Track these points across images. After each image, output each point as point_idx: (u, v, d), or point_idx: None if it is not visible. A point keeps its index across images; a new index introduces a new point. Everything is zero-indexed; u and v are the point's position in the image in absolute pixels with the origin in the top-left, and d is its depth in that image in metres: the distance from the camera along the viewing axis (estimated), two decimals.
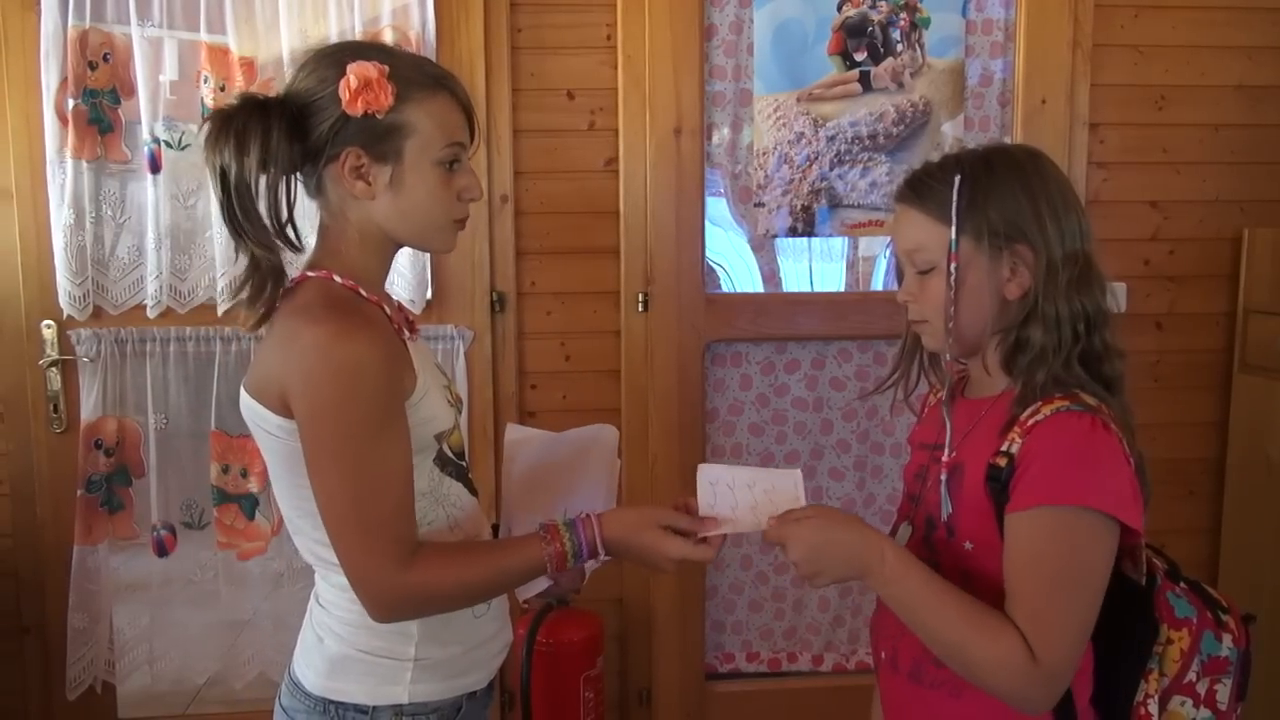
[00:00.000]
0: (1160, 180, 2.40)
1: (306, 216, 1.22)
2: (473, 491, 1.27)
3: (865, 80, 2.33)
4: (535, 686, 2.17)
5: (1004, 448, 1.09)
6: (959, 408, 1.23)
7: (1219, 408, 2.46)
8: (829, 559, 1.11)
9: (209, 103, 2.18)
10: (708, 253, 2.35)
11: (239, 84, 2.18)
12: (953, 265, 1.12)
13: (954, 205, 1.12)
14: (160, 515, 2.28)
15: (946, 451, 1.18)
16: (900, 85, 2.34)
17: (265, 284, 1.12)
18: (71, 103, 2.14)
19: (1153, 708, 1.11)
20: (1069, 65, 2.33)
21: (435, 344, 2.29)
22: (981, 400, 1.19)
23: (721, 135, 2.35)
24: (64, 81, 2.15)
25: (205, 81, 2.18)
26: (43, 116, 2.16)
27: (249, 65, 2.19)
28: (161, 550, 2.29)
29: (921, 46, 2.34)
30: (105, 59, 2.18)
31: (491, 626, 1.27)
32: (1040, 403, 1.09)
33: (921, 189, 1.17)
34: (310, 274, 1.17)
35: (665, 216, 2.30)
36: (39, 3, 2.14)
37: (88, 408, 2.23)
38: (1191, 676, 1.13)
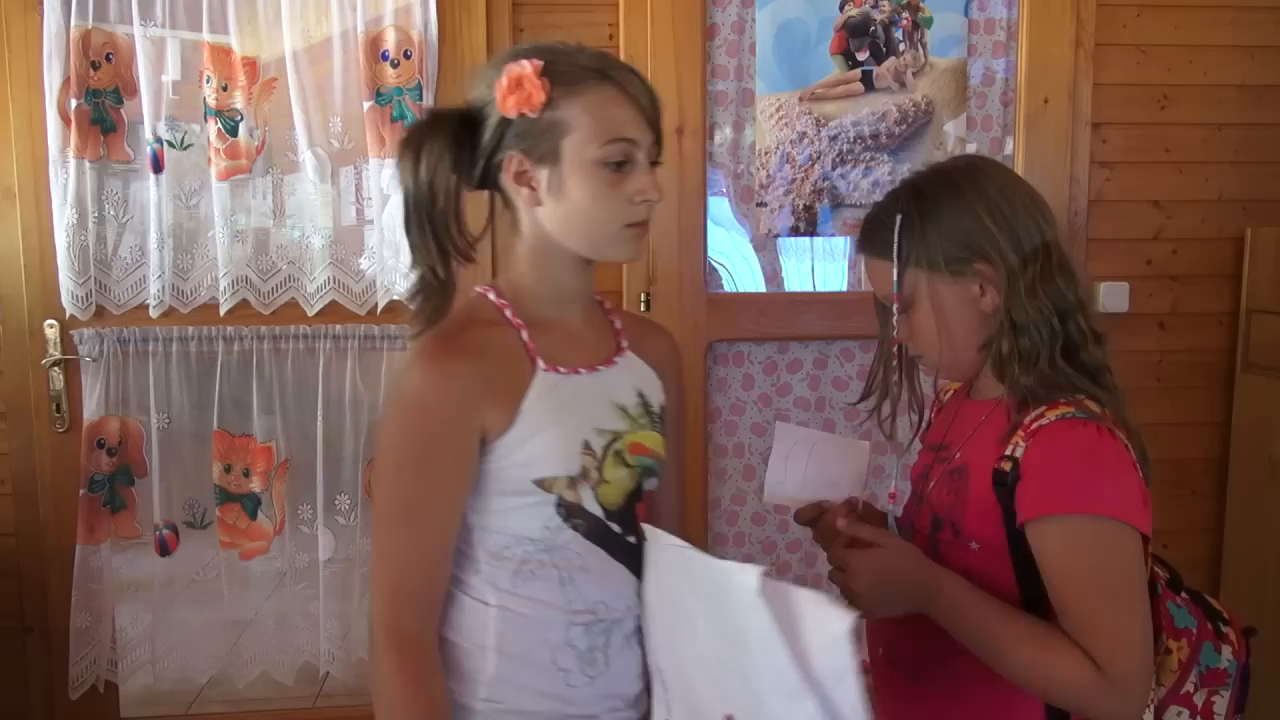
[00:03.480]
0: (1163, 179, 2.40)
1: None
2: (627, 560, 1.13)
3: (867, 80, 2.33)
4: None
5: (1008, 452, 1.08)
6: (964, 409, 1.22)
7: (1221, 407, 2.46)
8: (892, 592, 1.09)
9: (211, 103, 2.18)
10: (710, 252, 2.35)
11: (241, 84, 2.19)
12: (894, 305, 1.15)
13: (895, 243, 1.13)
14: (163, 515, 2.28)
15: (959, 449, 1.18)
16: (903, 85, 2.34)
17: (431, 297, 1.13)
18: (74, 102, 2.14)
19: (1147, 718, 1.09)
20: (1071, 64, 2.33)
21: None
22: (984, 403, 1.19)
23: (724, 135, 2.35)
24: (67, 81, 2.15)
25: (208, 81, 2.18)
26: (45, 116, 2.16)
27: (251, 65, 2.20)
28: (164, 550, 2.29)
29: (924, 46, 2.34)
30: (108, 59, 2.19)
31: (587, 694, 1.14)
32: (1045, 407, 1.08)
33: (873, 237, 1.18)
34: (476, 289, 1.17)
35: (667, 216, 2.29)
36: (42, 3, 2.14)
37: (90, 407, 2.23)
38: (1189, 687, 1.12)
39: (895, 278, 1.14)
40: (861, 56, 2.33)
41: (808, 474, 1.24)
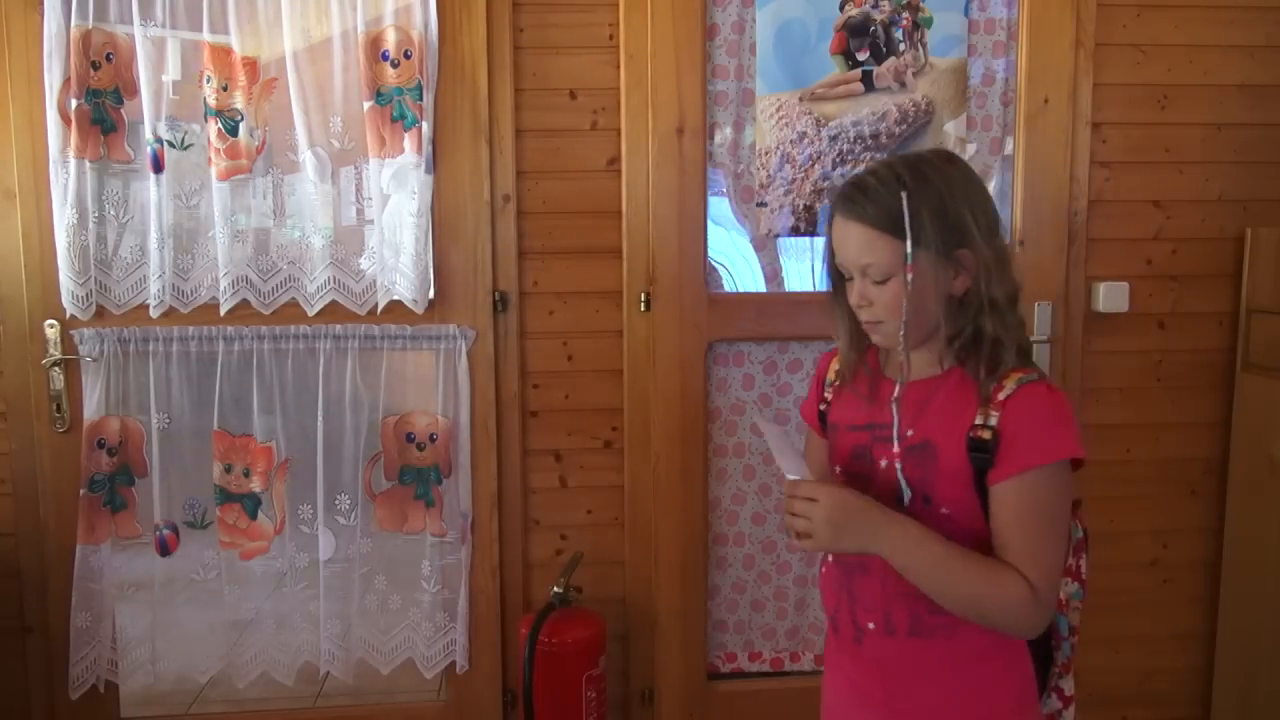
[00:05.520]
0: (1163, 179, 2.40)
1: None
2: None
3: (868, 80, 2.33)
4: (538, 686, 2.17)
5: (982, 421, 1.21)
6: (909, 390, 1.30)
7: (1222, 407, 2.46)
8: (855, 523, 1.22)
9: (211, 103, 2.18)
10: (710, 252, 2.35)
11: (241, 84, 2.19)
12: (909, 276, 1.23)
13: (907, 221, 1.21)
14: (163, 514, 2.28)
15: (896, 436, 1.27)
16: (903, 85, 2.34)
17: None
18: (74, 102, 2.15)
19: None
20: (1071, 64, 2.33)
21: (437, 343, 2.29)
22: (928, 381, 1.29)
23: (724, 135, 2.35)
24: (67, 81, 2.15)
25: (208, 81, 2.18)
26: (46, 116, 2.17)
27: (251, 65, 2.20)
28: (164, 549, 2.30)
29: (924, 46, 2.34)
30: (108, 59, 2.19)
31: None
32: (1001, 377, 1.22)
33: (864, 203, 1.25)
34: None
35: (667, 216, 2.30)
36: (42, 3, 2.14)
37: (90, 407, 2.23)
38: (1070, 561, 1.33)
39: (908, 248, 1.22)
40: (861, 56, 2.33)
41: (795, 458, 1.33)
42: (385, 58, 2.21)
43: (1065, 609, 1.34)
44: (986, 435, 1.20)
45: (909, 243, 1.21)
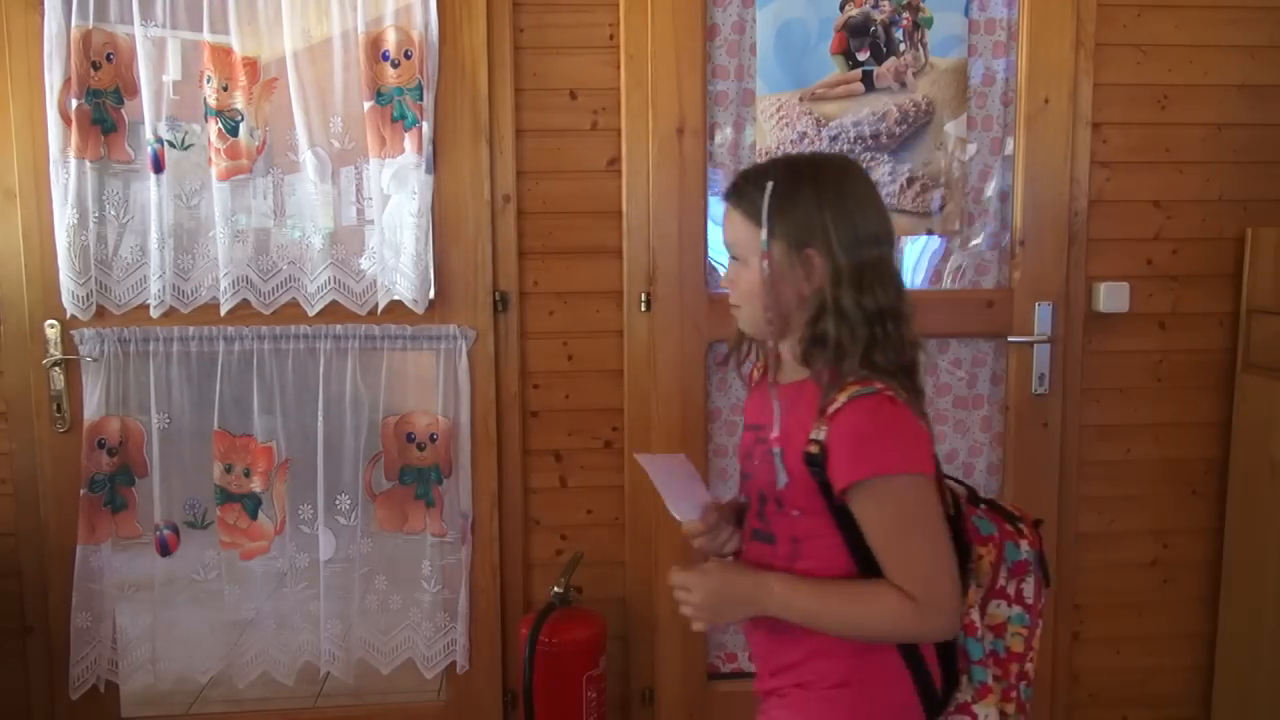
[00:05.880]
0: (1163, 179, 2.40)
1: None
2: None
3: (868, 80, 2.33)
4: (538, 686, 2.17)
5: (814, 435, 1.24)
6: (782, 392, 1.35)
7: (1222, 407, 2.46)
8: (728, 601, 1.31)
9: (212, 103, 2.19)
10: (710, 252, 2.35)
11: (242, 84, 2.19)
12: (764, 263, 1.28)
13: (764, 211, 1.28)
14: (163, 515, 2.28)
15: (775, 429, 1.31)
16: (903, 85, 2.34)
17: None
18: (75, 103, 2.15)
19: (975, 616, 1.32)
20: (1072, 64, 2.33)
21: (438, 343, 2.29)
22: (791, 385, 1.34)
23: (724, 135, 2.35)
24: (67, 81, 2.15)
25: (208, 81, 2.18)
26: (46, 116, 2.17)
27: (252, 65, 2.20)
28: (164, 550, 2.30)
29: (924, 46, 2.34)
30: (108, 59, 2.19)
31: None
32: (838, 390, 1.24)
33: (739, 191, 1.33)
34: None
35: (668, 216, 2.30)
36: (42, 3, 2.14)
37: (91, 407, 2.23)
38: (1002, 582, 1.34)
39: (764, 236, 1.29)
40: (862, 56, 2.33)
41: (686, 491, 1.40)
42: (385, 58, 2.21)
43: (974, 632, 1.32)
44: (814, 449, 1.24)
45: (764, 232, 1.28)
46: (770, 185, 1.28)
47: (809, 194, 1.28)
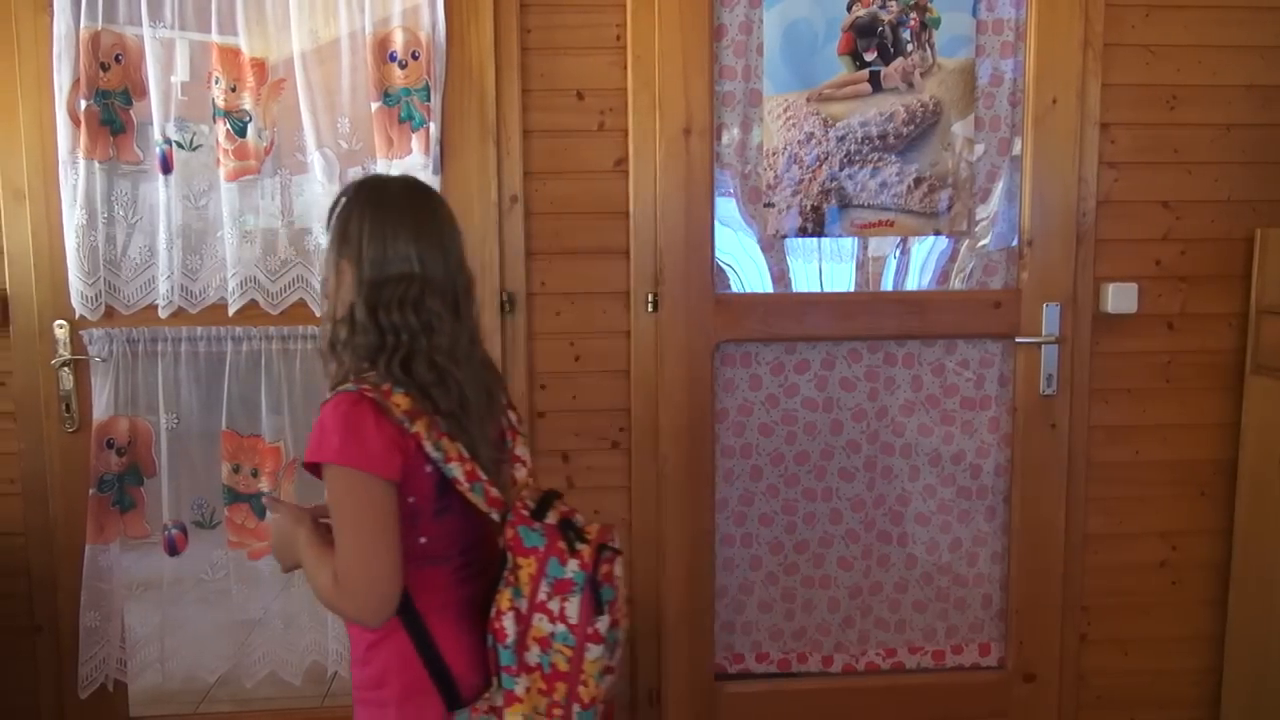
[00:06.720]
0: (1172, 180, 2.40)
1: None
2: None
3: (875, 80, 2.33)
4: None
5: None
6: None
7: (1231, 408, 2.45)
8: (283, 546, 1.46)
9: (220, 104, 2.19)
10: (717, 253, 2.35)
11: (250, 85, 2.19)
12: (326, 269, 1.42)
13: (329, 221, 1.43)
14: (171, 514, 2.29)
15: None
16: (910, 85, 2.34)
17: None
18: (84, 103, 2.15)
19: (506, 623, 1.36)
20: (1080, 65, 2.33)
21: None
22: None
23: (731, 135, 2.35)
24: (76, 82, 2.16)
25: (216, 82, 2.19)
26: (55, 117, 2.17)
27: (260, 66, 2.20)
28: (173, 549, 2.30)
29: (931, 46, 2.33)
30: (117, 60, 2.20)
31: None
32: (336, 386, 1.36)
33: (334, 203, 1.45)
34: None
35: (675, 217, 2.30)
36: (52, 4, 2.15)
37: (100, 407, 2.24)
38: (543, 596, 1.37)
39: (325, 245, 1.43)
40: (869, 57, 2.33)
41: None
42: (393, 59, 2.21)
43: (503, 639, 1.35)
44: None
45: (326, 242, 1.43)
46: (342, 200, 1.42)
47: (357, 208, 1.39)
